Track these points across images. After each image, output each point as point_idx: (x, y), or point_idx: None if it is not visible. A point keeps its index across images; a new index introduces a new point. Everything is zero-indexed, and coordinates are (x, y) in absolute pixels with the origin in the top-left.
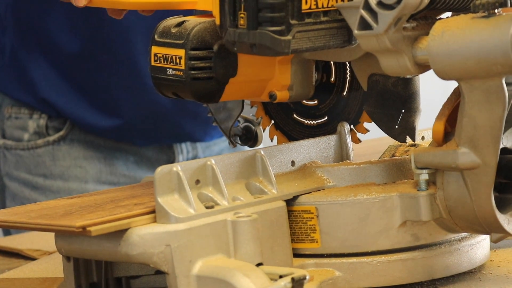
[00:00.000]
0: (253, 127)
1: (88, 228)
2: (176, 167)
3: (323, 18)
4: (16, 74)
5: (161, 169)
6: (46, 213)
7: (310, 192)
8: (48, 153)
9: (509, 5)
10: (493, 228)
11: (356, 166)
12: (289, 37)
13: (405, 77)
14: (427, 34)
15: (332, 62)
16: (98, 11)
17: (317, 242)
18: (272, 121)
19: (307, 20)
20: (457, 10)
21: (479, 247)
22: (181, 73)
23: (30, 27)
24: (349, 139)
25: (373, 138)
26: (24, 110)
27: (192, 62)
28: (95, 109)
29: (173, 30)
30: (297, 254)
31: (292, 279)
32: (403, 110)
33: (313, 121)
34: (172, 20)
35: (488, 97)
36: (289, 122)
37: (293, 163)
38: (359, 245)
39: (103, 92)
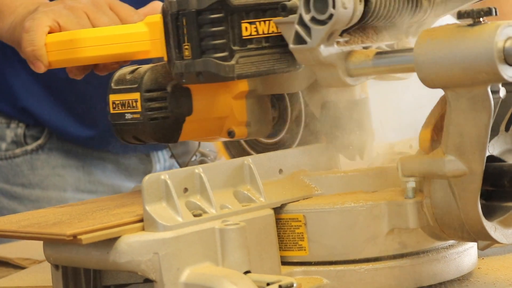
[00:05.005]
0: (209, 162)
1: (79, 237)
2: (164, 175)
3: (265, 44)
4: None
5: (149, 178)
6: (36, 222)
7: (298, 200)
8: (26, 162)
9: (494, 13)
10: (480, 236)
11: (344, 174)
12: (232, 62)
13: (355, 99)
14: (360, 47)
15: (288, 101)
16: None
17: (305, 250)
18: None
19: (249, 46)
20: (390, 23)
21: (466, 254)
22: (139, 116)
23: None
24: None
25: None
26: (1, 119)
27: (148, 103)
28: (73, 118)
29: (128, 77)
30: (285, 262)
31: (280, 286)
32: (357, 132)
33: None
34: (127, 69)
35: (474, 105)
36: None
37: (281, 171)
38: (347, 253)
39: (82, 101)
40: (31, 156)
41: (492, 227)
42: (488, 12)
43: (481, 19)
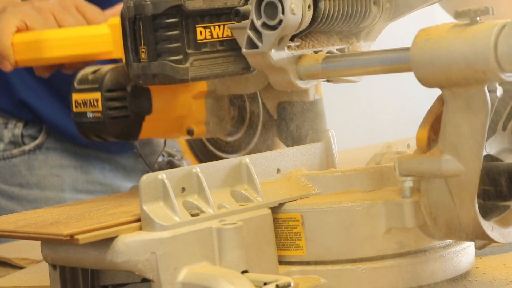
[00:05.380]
0: (176, 162)
1: (76, 236)
2: (162, 175)
3: (219, 47)
4: None
5: (147, 177)
6: (34, 222)
7: (296, 200)
8: (24, 163)
9: (491, 13)
10: (477, 235)
11: (341, 174)
12: (187, 65)
13: (310, 100)
14: (311, 52)
15: (246, 101)
16: None
17: (302, 249)
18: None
19: (203, 50)
20: (340, 28)
21: (464, 254)
22: (100, 114)
23: None
24: (334, 147)
25: (358, 147)
26: None
27: (109, 103)
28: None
29: (90, 77)
30: (282, 262)
31: (277, 286)
32: (310, 132)
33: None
34: (89, 69)
35: (471, 104)
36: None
37: (278, 170)
38: (344, 253)
39: None
40: (29, 156)
41: (489, 227)
42: (485, 11)
43: (478, 18)
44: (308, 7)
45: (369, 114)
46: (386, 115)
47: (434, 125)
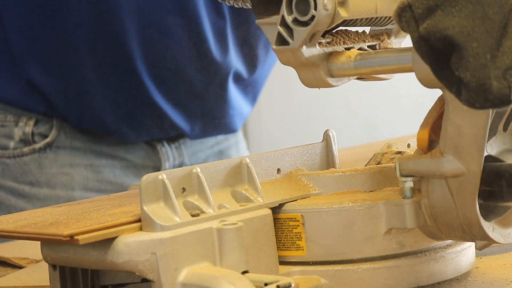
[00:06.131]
0: None
1: (76, 237)
2: (162, 175)
3: None
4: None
5: (147, 177)
6: (34, 222)
7: (296, 200)
8: (34, 161)
9: None
10: (477, 236)
11: (342, 174)
12: None
13: None
14: (342, 48)
15: None
16: None
17: (302, 249)
18: None
19: None
20: (372, 25)
21: (464, 254)
22: None
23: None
24: (334, 147)
25: (358, 145)
26: (10, 117)
27: None
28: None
29: None
30: (283, 262)
31: (278, 286)
32: None
33: None
34: None
35: None
36: None
37: (278, 170)
38: (345, 253)
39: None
40: (39, 154)
41: (490, 227)
42: None
43: None
44: (340, 3)
45: (369, 114)
46: (386, 114)
47: (435, 125)
